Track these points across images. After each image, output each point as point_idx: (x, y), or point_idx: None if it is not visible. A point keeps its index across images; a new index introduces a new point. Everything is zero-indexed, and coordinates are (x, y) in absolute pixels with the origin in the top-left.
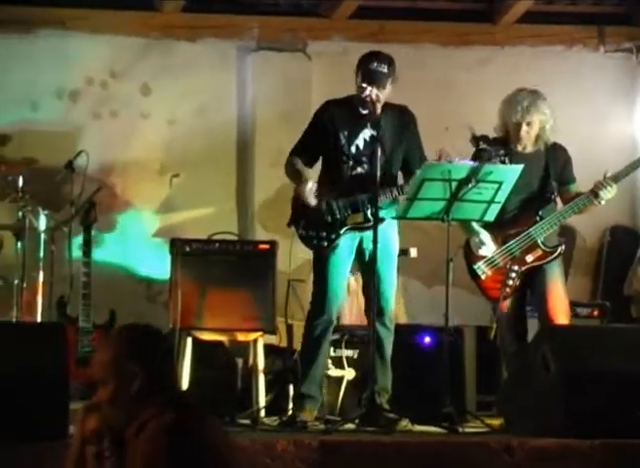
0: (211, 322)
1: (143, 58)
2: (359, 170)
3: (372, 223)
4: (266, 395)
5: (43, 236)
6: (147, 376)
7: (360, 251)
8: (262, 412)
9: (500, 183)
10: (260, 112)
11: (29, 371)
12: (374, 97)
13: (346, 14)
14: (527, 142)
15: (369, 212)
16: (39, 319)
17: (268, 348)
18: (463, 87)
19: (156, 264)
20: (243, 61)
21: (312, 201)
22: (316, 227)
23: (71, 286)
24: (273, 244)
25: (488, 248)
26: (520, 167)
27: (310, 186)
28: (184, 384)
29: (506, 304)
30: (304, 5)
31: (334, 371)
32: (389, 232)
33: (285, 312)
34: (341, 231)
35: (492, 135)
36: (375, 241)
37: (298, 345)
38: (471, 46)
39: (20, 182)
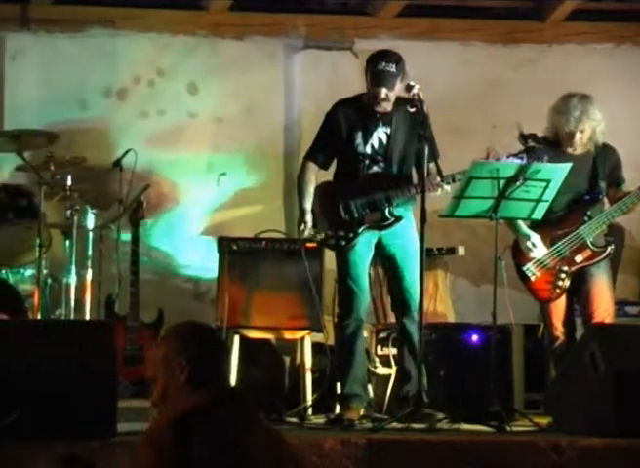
0: (258, 320)
1: (191, 57)
2: (375, 168)
3: (390, 222)
4: (313, 393)
5: (91, 234)
6: (194, 370)
7: (380, 248)
8: (310, 411)
9: (549, 182)
10: (306, 110)
11: (78, 370)
12: (383, 96)
13: (394, 12)
14: (578, 146)
15: (387, 210)
16: (88, 317)
17: (315, 346)
18: (511, 85)
19: (204, 263)
20: (290, 60)
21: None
22: (334, 227)
23: (119, 284)
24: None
25: (539, 250)
26: (568, 165)
27: (309, 229)
28: (232, 382)
29: (556, 305)
30: (352, 3)
31: (381, 370)
32: (407, 229)
33: (332, 310)
34: (360, 230)
35: (539, 133)
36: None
37: None
38: (519, 44)
39: (69, 181)
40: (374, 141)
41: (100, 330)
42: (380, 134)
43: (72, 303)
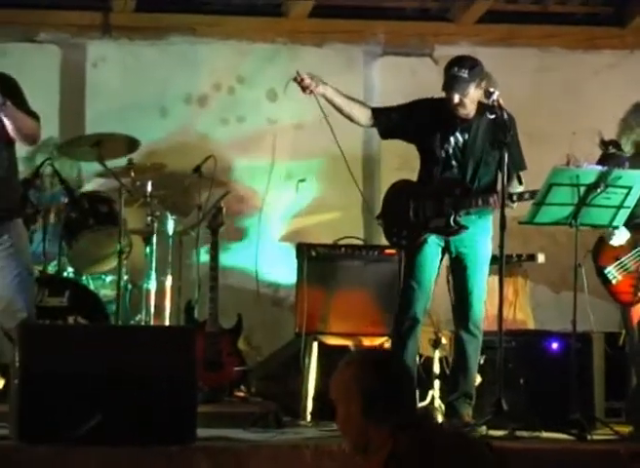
0: (337, 326)
1: (270, 64)
2: (448, 173)
3: (452, 230)
4: None
5: (171, 240)
6: (368, 402)
7: (448, 253)
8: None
9: (630, 188)
10: None
11: (158, 376)
12: (456, 101)
13: (474, 18)
14: None
15: (451, 218)
16: (167, 323)
17: None
18: (591, 91)
19: (282, 269)
20: (370, 66)
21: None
22: (399, 224)
23: (199, 290)
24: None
25: (619, 236)
26: None
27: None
28: (311, 389)
29: (637, 309)
30: (432, 9)
31: None
32: (479, 238)
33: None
34: (423, 233)
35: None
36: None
37: (424, 350)
38: (600, 50)
39: (149, 187)
40: (449, 146)
41: (180, 335)
42: (458, 139)
43: (152, 309)
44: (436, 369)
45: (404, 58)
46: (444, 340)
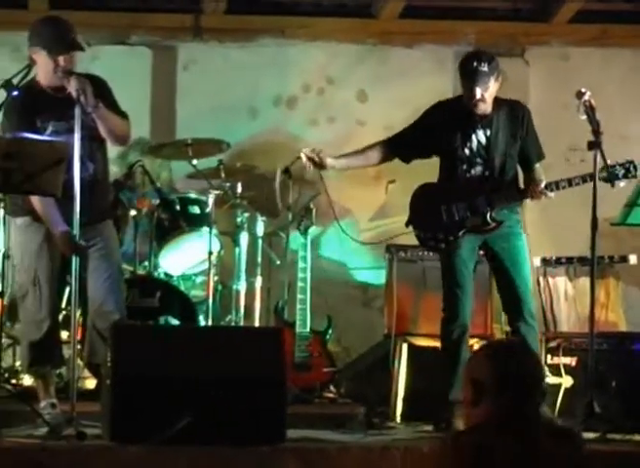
0: (426, 328)
1: (360, 65)
2: (473, 171)
3: (491, 226)
4: None
5: (261, 242)
6: (508, 399)
7: (487, 252)
8: None
9: None
10: None
11: (248, 376)
12: (478, 96)
13: (566, 18)
14: None
15: (488, 215)
16: (257, 324)
17: None
18: None
19: (372, 270)
20: None
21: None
22: (434, 229)
23: (288, 291)
24: None
25: None
26: None
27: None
28: (400, 390)
29: None
30: (523, 9)
31: (551, 379)
32: (515, 230)
33: (501, 318)
34: (460, 234)
35: None
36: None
37: None
38: None
39: (239, 189)
40: (473, 144)
41: (270, 336)
42: (480, 136)
43: (242, 310)
44: None
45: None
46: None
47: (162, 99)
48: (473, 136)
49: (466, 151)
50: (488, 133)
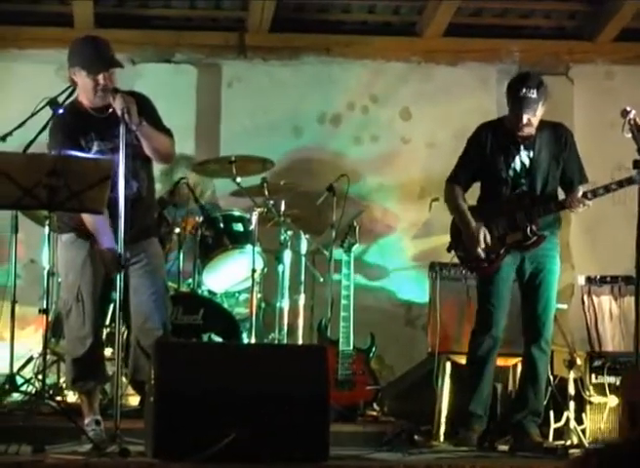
0: None
1: (404, 83)
2: (517, 191)
3: (532, 240)
4: None
5: (304, 259)
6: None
7: (520, 271)
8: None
9: None
10: None
11: (291, 394)
12: (525, 122)
13: (610, 36)
14: None
15: (528, 229)
16: (300, 341)
17: None
18: None
19: (416, 288)
20: (504, 85)
21: (482, 253)
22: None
23: (332, 308)
24: None
25: None
26: None
27: (483, 236)
28: (444, 408)
29: None
30: (567, 28)
31: (595, 398)
32: (552, 253)
33: None
34: (501, 251)
35: None
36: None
37: (557, 371)
38: None
39: (283, 206)
40: (516, 165)
41: (313, 354)
42: (523, 158)
43: (285, 327)
44: (571, 389)
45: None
46: (579, 361)
47: (206, 117)
48: (517, 158)
49: (510, 173)
50: (531, 154)
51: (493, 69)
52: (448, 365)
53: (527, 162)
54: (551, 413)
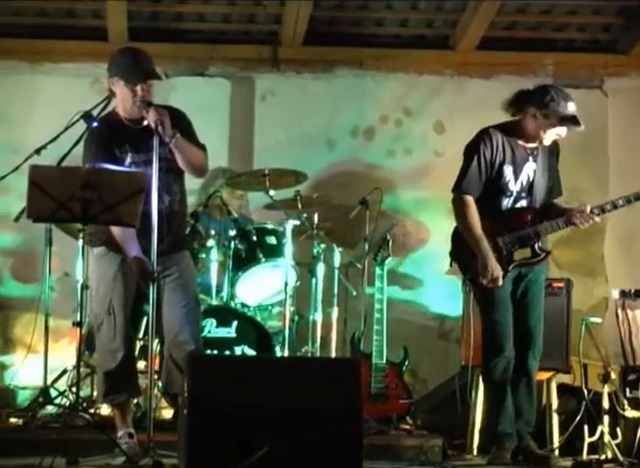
0: None
1: (437, 96)
2: (519, 204)
3: (541, 257)
4: (560, 435)
5: (337, 272)
6: None
7: (516, 284)
8: (557, 452)
9: None
10: None
11: (324, 407)
12: (557, 137)
13: None
14: None
15: (536, 246)
16: (333, 354)
17: (562, 388)
18: None
19: (449, 301)
20: None
21: (499, 282)
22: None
23: (365, 322)
24: (568, 282)
25: None
26: None
27: (495, 268)
28: (477, 422)
29: None
30: (601, 41)
31: (630, 412)
32: (542, 270)
33: (579, 351)
34: (510, 268)
35: None
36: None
37: (593, 385)
38: None
39: (316, 219)
40: (523, 178)
41: (346, 367)
42: (529, 170)
43: (318, 341)
44: (605, 404)
45: (573, 89)
46: (613, 375)
47: (240, 130)
48: (524, 170)
49: (517, 185)
50: (534, 166)
51: (527, 82)
52: (481, 378)
53: (531, 175)
54: (585, 428)
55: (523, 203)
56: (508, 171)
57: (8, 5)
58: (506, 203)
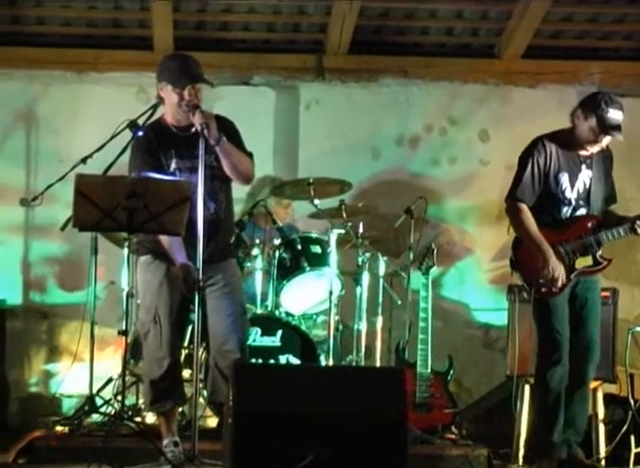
0: None
1: (482, 105)
2: (578, 213)
3: (603, 266)
4: (606, 445)
5: (382, 281)
6: None
7: (573, 293)
8: (603, 463)
9: None
10: None
11: (368, 416)
12: (604, 145)
13: None
14: None
15: (597, 254)
16: (378, 364)
17: (609, 397)
18: None
19: (494, 310)
20: None
21: (560, 282)
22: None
23: (409, 331)
24: (614, 291)
25: None
26: None
27: (558, 268)
28: (523, 432)
29: None
30: None
31: None
32: (597, 279)
33: (625, 361)
34: (572, 275)
35: None
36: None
37: (637, 395)
38: None
39: (361, 228)
40: (579, 185)
41: (391, 376)
42: (585, 177)
43: (363, 350)
44: None
45: (619, 98)
46: None
47: (284, 139)
48: (580, 177)
49: (574, 193)
50: (590, 173)
51: (572, 91)
52: (527, 388)
53: (587, 182)
54: (632, 438)
55: (582, 211)
56: (564, 178)
57: (57, 16)
58: (565, 211)
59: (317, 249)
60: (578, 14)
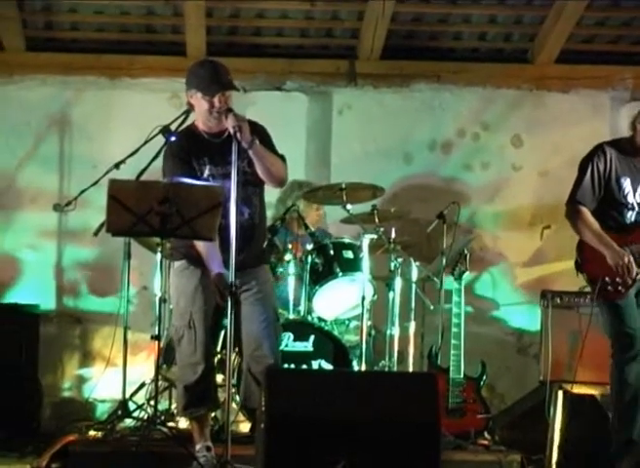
0: (582, 375)
1: (515, 110)
2: None
3: None
4: None
5: (414, 287)
6: None
7: (637, 297)
8: None
9: None
10: None
11: (401, 421)
12: None
13: None
14: None
15: None
16: (411, 369)
17: None
18: None
19: (527, 316)
20: (617, 113)
21: (633, 273)
22: (611, 274)
23: (442, 336)
24: None
25: None
26: None
27: (630, 258)
28: (556, 438)
29: None
30: None
31: None
32: None
33: None
34: (638, 277)
35: None
36: None
37: None
38: None
39: (393, 233)
40: None
41: (423, 382)
42: None
43: (395, 355)
44: None
45: None
46: None
47: (317, 144)
48: None
49: (637, 198)
50: None
51: (605, 96)
52: (560, 394)
53: None
54: None
55: None
56: (626, 183)
57: (90, 22)
58: (630, 216)
59: (349, 254)
60: (611, 18)
